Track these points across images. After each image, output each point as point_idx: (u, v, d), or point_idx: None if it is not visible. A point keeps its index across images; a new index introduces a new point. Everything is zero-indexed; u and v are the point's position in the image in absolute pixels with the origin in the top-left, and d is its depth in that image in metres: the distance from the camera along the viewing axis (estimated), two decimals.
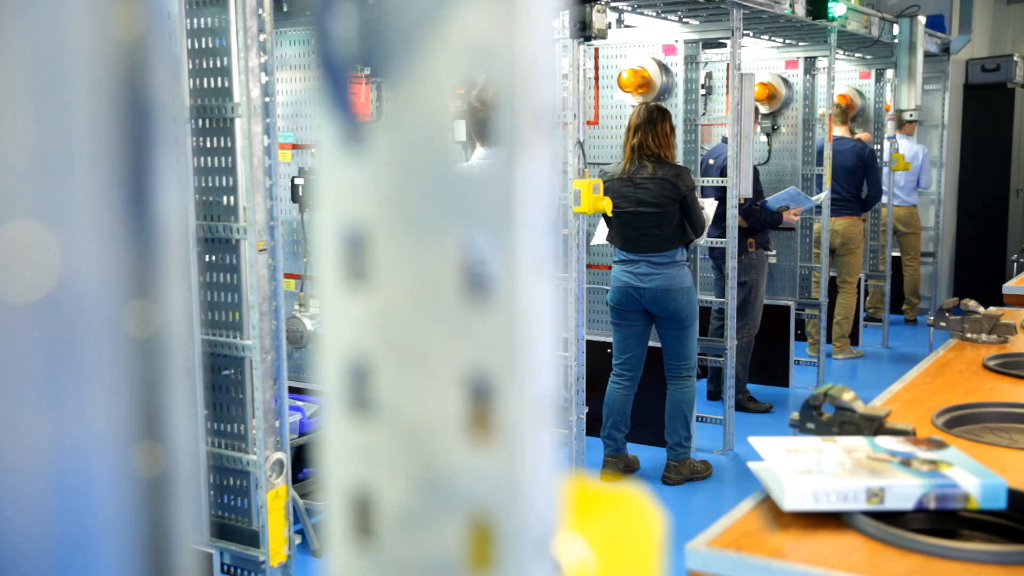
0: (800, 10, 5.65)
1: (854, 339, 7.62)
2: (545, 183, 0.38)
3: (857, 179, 6.99)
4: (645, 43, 5.42)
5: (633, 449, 5.11)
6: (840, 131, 6.95)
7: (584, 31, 3.76)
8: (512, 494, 0.38)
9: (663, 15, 5.32)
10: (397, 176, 0.40)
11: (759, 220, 5.81)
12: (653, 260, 4.68)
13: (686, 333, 4.77)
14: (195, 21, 2.75)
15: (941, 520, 1.65)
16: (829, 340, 7.23)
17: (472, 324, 0.38)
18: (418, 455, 0.40)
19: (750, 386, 6.17)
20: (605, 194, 4.70)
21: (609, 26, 5.41)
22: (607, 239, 4.86)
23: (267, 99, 2.75)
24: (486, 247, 0.38)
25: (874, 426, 1.92)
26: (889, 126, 7.64)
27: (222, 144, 2.83)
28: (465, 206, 0.38)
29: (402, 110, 0.39)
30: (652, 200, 4.60)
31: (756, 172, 5.85)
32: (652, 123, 4.57)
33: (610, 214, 4.11)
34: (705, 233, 4.85)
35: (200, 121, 2.86)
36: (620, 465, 4.94)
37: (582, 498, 0.43)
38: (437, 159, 0.39)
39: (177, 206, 0.37)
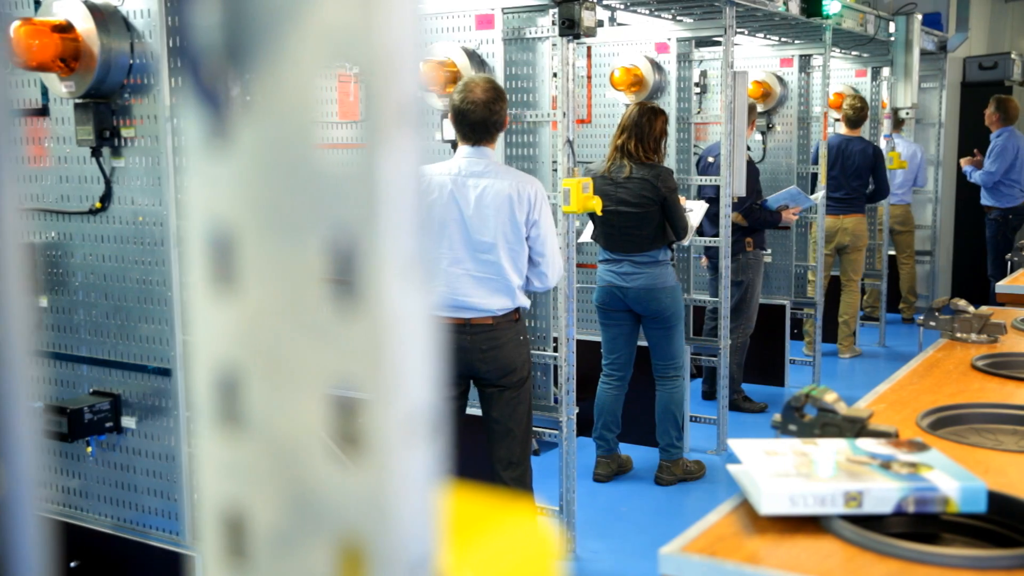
0: (794, 7, 5.62)
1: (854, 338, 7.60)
2: (411, 180, 0.36)
3: (866, 178, 6.99)
4: (638, 41, 5.39)
5: (626, 449, 5.09)
6: (852, 133, 6.94)
7: (573, 29, 3.72)
8: (381, 515, 0.35)
9: (656, 13, 5.30)
10: (263, 173, 0.37)
11: (759, 219, 5.79)
12: (635, 260, 4.65)
13: (672, 332, 4.74)
14: (174, 19, 2.74)
15: (923, 524, 1.62)
16: (826, 340, 7.20)
17: (338, 333, 0.36)
18: (288, 473, 0.37)
19: (745, 386, 6.14)
20: None
21: (601, 24, 5.40)
22: (592, 237, 4.84)
23: None
24: (351, 249, 0.35)
25: (856, 428, 1.89)
26: (885, 124, 7.61)
27: None
28: (329, 205, 0.35)
29: (266, 101, 0.37)
30: (632, 200, 4.57)
31: (756, 171, 5.82)
32: (640, 125, 4.55)
33: (599, 213, 4.09)
34: (690, 235, 4.82)
35: None
36: (613, 465, 4.92)
37: (468, 518, 0.40)
38: (302, 154, 0.36)
39: (12, 207, 0.35)
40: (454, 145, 3.55)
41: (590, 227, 4.98)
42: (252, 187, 0.37)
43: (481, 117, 3.32)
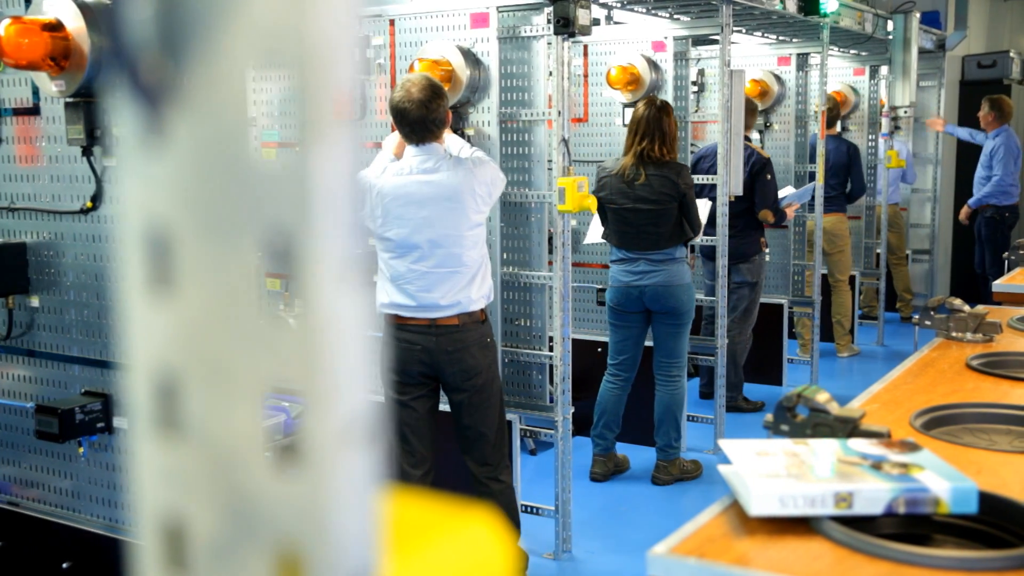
0: (792, 6, 5.61)
1: (851, 337, 7.59)
2: (345, 180, 0.34)
3: (842, 176, 6.99)
4: (634, 40, 5.38)
5: (622, 448, 5.08)
6: (828, 131, 6.92)
7: (567, 27, 3.71)
8: (318, 524, 0.34)
9: (653, 11, 5.28)
10: (198, 171, 0.36)
11: (780, 217, 5.81)
12: (652, 258, 4.63)
13: (682, 330, 4.73)
14: None
15: (914, 524, 1.61)
16: (822, 339, 7.19)
17: (273, 337, 0.35)
18: (226, 480, 0.36)
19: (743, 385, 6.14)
20: (601, 191, 4.66)
21: (597, 22, 5.38)
22: (603, 237, 4.81)
23: None
24: (286, 250, 0.34)
25: (848, 428, 1.88)
26: (884, 123, 7.60)
27: None
28: (264, 205, 0.34)
29: (200, 97, 0.35)
30: (652, 197, 4.55)
31: (772, 168, 5.77)
32: (660, 126, 4.51)
33: (595, 212, 4.07)
34: (701, 232, 4.82)
35: None
36: (610, 465, 4.91)
37: (414, 526, 0.39)
38: (237, 152, 0.35)
39: None
40: None
41: (594, 228, 4.96)
42: (188, 186, 0.36)
43: (419, 116, 3.31)
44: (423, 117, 3.31)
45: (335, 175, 0.34)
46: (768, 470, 1.64)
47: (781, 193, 5.91)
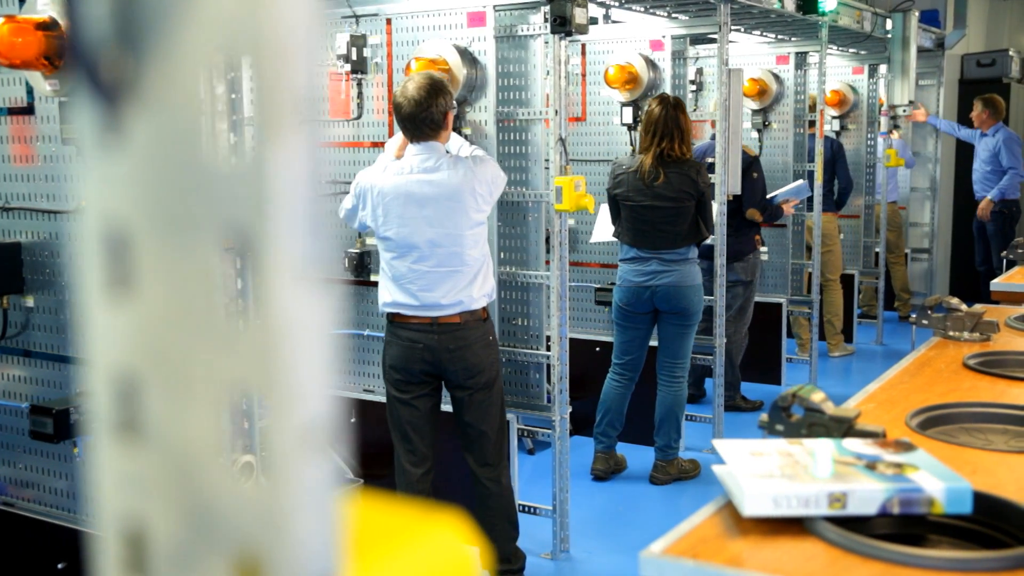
0: (790, 5, 5.60)
1: (848, 336, 7.57)
2: (304, 178, 0.34)
3: (828, 173, 6.98)
4: (632, 39, 5.37)
5: (620, 448, 5.06)
6: (811, 130, 6.90)
7: (564, 26, 3.70)
8: (278, 529, 0.33)
9: (651, 10, 5.27)
10: (156, 170, 0.35)
11: (772, 214, 5.79)
12: (664, 257, 4.61)
13: (689, 331, 4.72)
14: None
15: (909, 525, 1.61)
16: (822, 338, 7.18)
17: (232, 339, 0.34)
18: (186, 485, 0.36)
19: (741, 383, 6.13)
20: (617, 187, 4.64)
21: (595, 21, 5.37)
22: (614, 235, 4.79)
23: None
24: (243, 251, 0.33)
25: (843, 428, 1.87)
26: (882, 122, 7.59)
27: None
28: (222, 204, 0.33)
29: (157, 94, 0.35)
30: (670, 195, 4.53)
31: (760, 166, 5.78)
32: (678, 125, 4.50)
33: (592, 211, 4.06)
34: (713, 232, 4.81)
35: None
36: (611, 463, 4.89)
37: (379, 532, 0.39)
38: (194, 150, 0.34)
39: None
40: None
41: (601, 227, 4.94)
42: (146, 185, 0.36)
43: (410, 113, 3.33)
44: (414, 114, 3.32)
45: (293, 173, 0.33)
46: (762, 470, 1.63)
47: (772, 192, 5.89)
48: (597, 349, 5.37)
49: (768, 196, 5.81)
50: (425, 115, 3.32)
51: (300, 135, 0.33)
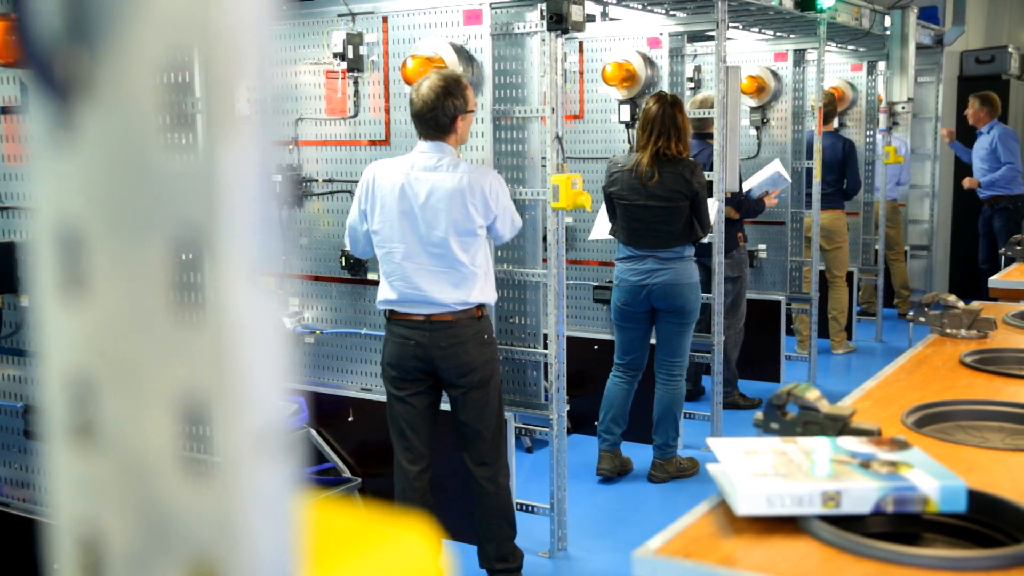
0: (788, 2, 5.59)
1: (847, 333, 7.57)
2: (255, 178, 0.33)
3: (838, 172, 6.97)
4: (630, 36, 5.36)
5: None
6: (824, 127, 6.90)
7: (561, 24, 3.69)
8: (232, 536, 0.32)
9: (649, 7, 5.26)
10: (109, 168, 0.34)
11: (750, 210, 5.76)
12: (660, 255, 4.59)
13: (687, 329, 4.71)
14: None
15: (904, 523, 1.60)
16: (821, 335, 7.17)
17: (184, 341, 0.33)
18: (141, 490, 0.35)
19: (740, 381, 6.12)
20: (612, 186, 4.63)
21: (592, 19, 5.36)
22: (610, 233, 4.78)
23: None
24: (193, 251, 0.32)
25: (838, 426, 1.86)
26: (881, 119, 7.57)
27: None
28: (173, 204, 0.33)
29: (109, 90, 0.34)
30: (664, 194, 4.52)
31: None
32: (675, 123, 4.49)
33: (588, 209, 4.05)
34: (709, 231, 4.78)
35: None
36: (617, 462, 4.87)
37: (341, 539, 0.38)
38: (145, 147, 0.33)
39: None
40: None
41: (600, 224, 4.92)
42: (99, 183, 0.35)
43: (421, 113, 3.37)
44: (422, 114, 3.38)
45: (244, 172, 0.32)
46: (756, 469, 1.62)
47: (746, 185, 5.84)
48: (595, 347, 5.36)
49: (745, 190, 5.77)
50: (431, 116, 3.35)
51: (252, 133, 0.32)
